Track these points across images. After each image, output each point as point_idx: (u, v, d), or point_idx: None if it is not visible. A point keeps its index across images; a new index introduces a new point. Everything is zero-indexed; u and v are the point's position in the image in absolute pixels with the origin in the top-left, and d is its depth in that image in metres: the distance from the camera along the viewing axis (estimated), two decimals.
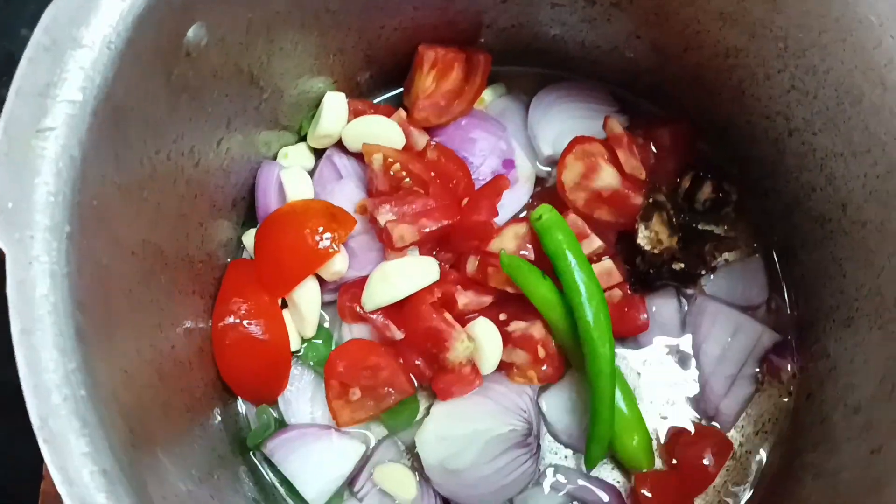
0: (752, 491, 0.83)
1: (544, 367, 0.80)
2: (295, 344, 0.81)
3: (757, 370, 0.84)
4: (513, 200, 0.85)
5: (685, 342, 0.85)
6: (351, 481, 0.80)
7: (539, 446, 0.80)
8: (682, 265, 0.82)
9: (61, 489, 0.44)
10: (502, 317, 0.81)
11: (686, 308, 0.86)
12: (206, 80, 0.64)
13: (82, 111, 0.50)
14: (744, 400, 0.83)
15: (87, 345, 0.47)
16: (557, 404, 0.82)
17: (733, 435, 0.84)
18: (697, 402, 0.84)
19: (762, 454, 0.83)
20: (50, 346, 0.46)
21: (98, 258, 0.51)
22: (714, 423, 0.83)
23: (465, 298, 0.80)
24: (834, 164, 0.73)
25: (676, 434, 0.83)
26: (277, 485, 0.80)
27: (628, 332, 0.84)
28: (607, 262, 0.81)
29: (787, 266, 0.86)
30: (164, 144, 0.61)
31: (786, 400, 0.84)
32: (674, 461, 0.82)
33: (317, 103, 0.84)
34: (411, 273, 0.77)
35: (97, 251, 0.51)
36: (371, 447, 0.81)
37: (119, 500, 0.44)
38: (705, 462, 0.82)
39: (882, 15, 0.61)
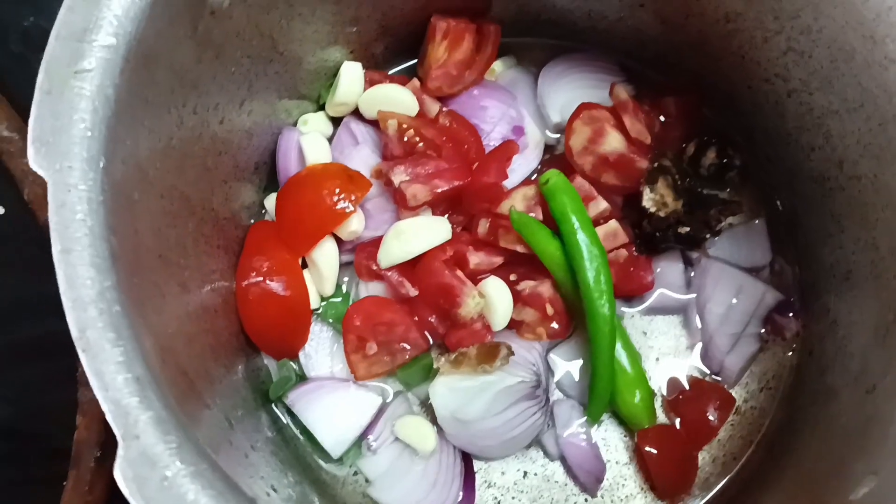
0: (755, 445, 0.85)
1: (553, 325, 0.83)
2: (314, 302, 0.84)
3: (761, 329, 0.86)
4: (522, 165, 0.88)
5: (690, 302, 0.87)
6: (366, 434, 0.83)
7: (548, 399, 0.83)
8: (688, 229, 0.84)
9: (98, 394, 0.48)
10: (512, 277, 0.84)
11: (691, 269, 0.88)
12: (230, 39, 0.68)
13: (115, 55, 0.54)
14: (748, 357, 0.86)
15: (119, 266, 0.51)
16: (566, 360, 0.86)
17: (738, 392, 0.86)
18: (703, 359, 0.86)
19: (766, 409, 0.86)
20: (87, 265, 0.50)
21: (129, 192, 0.55)
22: (718, 379, 0.86)
23: (476, 258, 0.83)
24: (830, 121, 0.75)
25: (680, 390, 0.85)
26: (298, 435, 0.84)
27: (634, 292, 0.87)
28: (613, 224, 0.84)
29: (789, 228, 0.88)
30: (190, 97, 0.65)
31: (789, 355, 0.86)
32: (677, 418, 0.85)
33: (334, 73, 0.88)
34: (424, 231, 0.81)
35: (129, 186, 0.55)
36: (388, 400, 0.84)
37: (150, 404, 0.48)
38: (709, 417, 0.84)
39: None
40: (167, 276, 0.61)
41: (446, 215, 0.85)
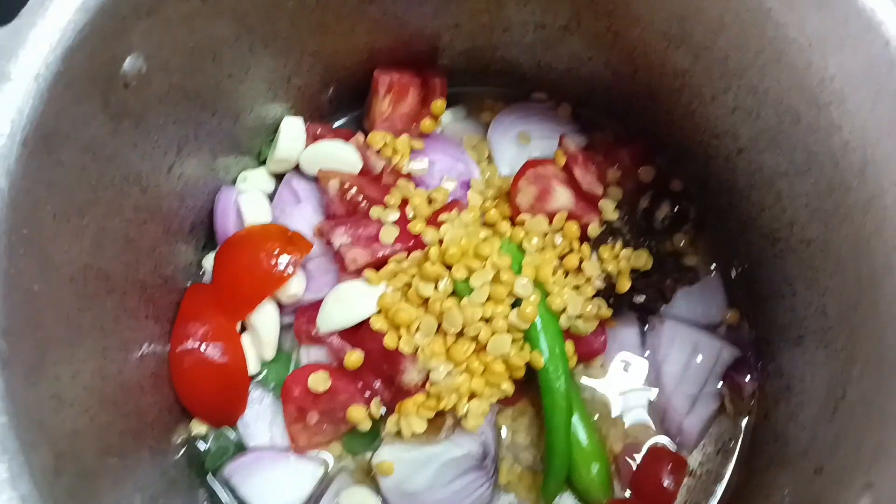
0: None
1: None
2: (254, 367, 0.81)
3: (718, 387, 0.84)
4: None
5: (646, 363, 0.85)
6: None
7: (496, 469, 0.80)
8: (643, 298, 0.82)
9: None
10: None
11: (646, 327, 0.86)
12: (151, 106, 0.65)
13: (10, 142, 0.51)
14: (707, 418, 0.83)
15: (11, 371, 0.48)
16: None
17: (694, 455, 0.83)
18: (661, 423, 0.84)
19: (721, 474, 0.83)
20: None
21: (28, 285, 0.52)
22: (679, 443, 0.83)
23: None
24: (780, 182, 0.73)
25: (633, 457, 0.83)
26: None
27: (586, 356, 0.83)
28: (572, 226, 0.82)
29: (744, 284, 0.86)
30: (106, 170, 0.62)
31: (745, 419, 0.84)
32: (629, 488, 0.82)
33: (275, 128, 0.85)
34: (366, 297, 0.78)
35: (27, 279, 0.52)
36: (329, 469, 0.81)
37: None
38: (665, 483, 0.82)
39: (811, 36, 0.62)
40: (77, 366, 0.58)
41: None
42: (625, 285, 0.81)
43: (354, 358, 0.77)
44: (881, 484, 0.55)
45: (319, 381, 0.77)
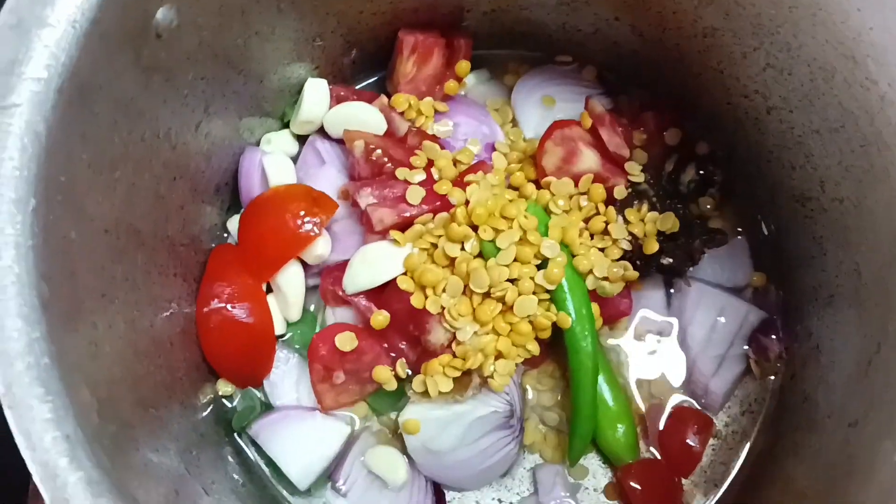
0: (737, 471, 0.82)
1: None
2: (280, 328, 0.81)
3: (745, 348, 0.83)
4: None
5: (672, 325, 0.85)
6: (334, 469, 0.80)
7: (522, 428, 0.80)
8: (671, 260, 0.82)
9: (25, 454, 0.45)
10: None
11: (672, 291, 0.85)
12: (180, 62, 0.65)
13: (47, 88, 0.51)
14: (733, 379, 0.83)
15: (52, 315, 0.48)
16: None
17: (720, 416, 0.83)
18: (687, 384, 0.83)
19: (748, 434, 0.83)
20: (14, 315, 0.47)
21: (65, 233, 0.52)
22: (704, 404, 0.83)
23: None
24: (811, 141, 0.72)
25: (658, 418, 0.83)
26: (263, 466, 0.81)
27: (612, 318, 0.83)
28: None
29: (771, 247, 0.86)
30: (136, 125, 0.62)
31: (772, 380, 0.84)
32: (655, 448, 0.82)
33: (299, 89, 0.85)
34: (392, 257, 0.78)
35: (64, 226, 0.52)
36: (356, 428, 0.81)
37: (80, 464, 0.45)
38: (690, 443, 0.82)
39: None
40: (112, 316, 0.58)
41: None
42: (652, 247, 0.80)
43: (381, 318, 0.77)
44: None
45: (346, 341, 0.77)
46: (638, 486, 0.79)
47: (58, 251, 0.51)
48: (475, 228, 0.76)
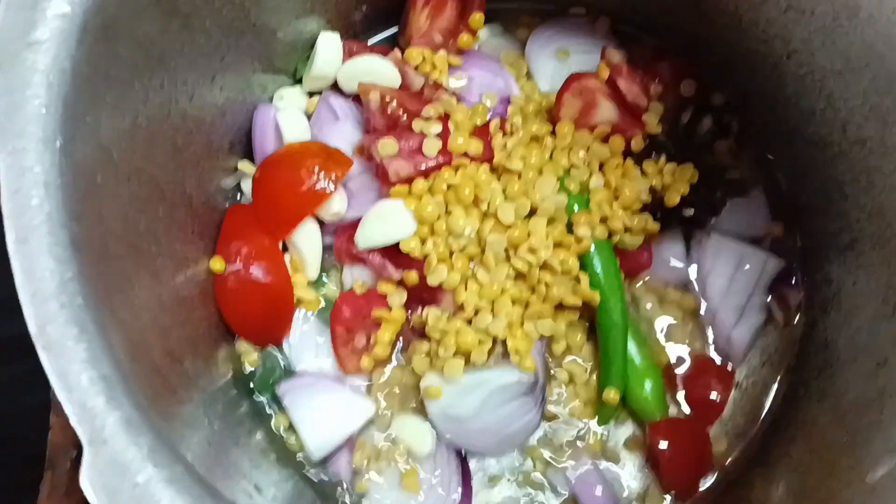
0: (760, 422, 0.82)
1: None
2: (298, 287, 0.80)
3: (766, 299, 0.83)
4: None
5: (692, 276, 0.84)
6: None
7: (544, 398, 0.79)
8: (692, 211, 0.81)
9: (61, 396, 0.44)
10: None
11: (690, 242, 0.85)
12: (198, 8, 0.63)
13: (72, 24, 0.49)
14: (755, 329, 0.82)
15: (83, 257, 0.47)
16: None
17: (741, 368, 0.83)
18: (709, 335, 0.83)
19: (769, 385, 0.83)
20: (46, 255, 0.46)
21: (92, 174, 0.51)
22: (727, 355, 0.82)
23: None
24: (833, 83, 0.72)
25: (682, 370, 0.82)
26: (281, 433, 0.80)
27: (632, 270, 0.83)
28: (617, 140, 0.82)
29: (789, 195, 0.85)
30: (156, 71, 0.60)
31: (792, 328, 0.83)
32: (681, 400, 0.82)
33: (311, 45, 0.84)
34: (407, 215, 0.77)
35: (91, 167, 0.51)
36: (381, 407, 0.80)
37: (119, 404, 0.44)
38: (711, 395, 0.82)
39: None
40: (137, 266, 0.57)
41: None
42: (674, 199, 0.80)
43: (414, 275, 0.76)
44: None
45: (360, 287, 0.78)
46: (666, 447, 0.78)
47: (86, 193, 0.50)
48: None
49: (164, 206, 0.64)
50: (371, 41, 0.90)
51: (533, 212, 0.77)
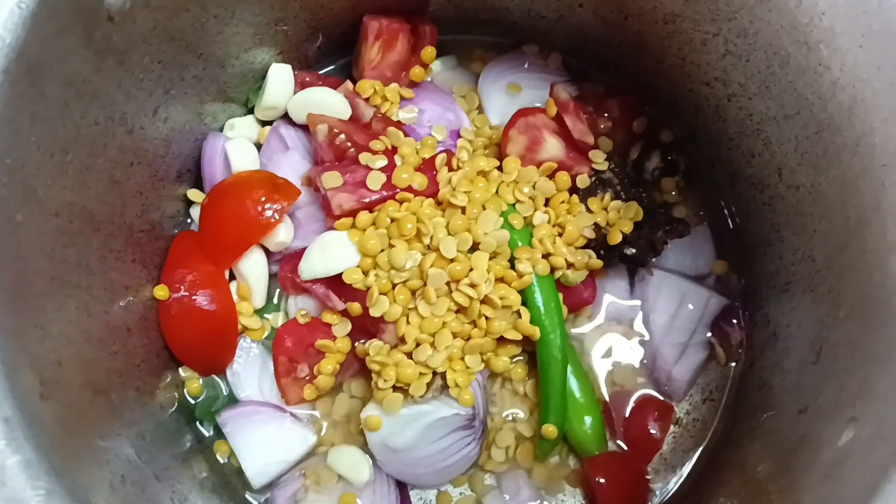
0: (697, 458, 0.83)
1: None
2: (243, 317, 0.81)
3: (708, 336, 0.84)
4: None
5: (635, 313, 0.85)
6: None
7: (484, 430, 0.79)
8: (633, 251, 0.81)
9: None
10: None
11: (635, 279, 0.85)
12: (135, 44, 0.64)
13: None
14: (696, 366, 0.83)
15: None
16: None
17: (681, 404, 0.84)
18: (650, 372, 0.84)
19: (708, 421, 0.83)
20: None
21: (10, 214, 0.52)
22: (668, 392, 0.83)
23: None
24: (769, 128, 0.73)
25: (620, 406, 0.83)
26: (220, 458, 0.80)
27: (575, 307, 0.83)
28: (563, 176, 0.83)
29: (733, 234, 0.86)
30: (89, 109, 0.61)
31: (732, 367, 0.84)
32: (619, 436, 0.82)
33: (263, 75, 0.84)
34: (350, 247, 0.77)
35: (9, 208, 0.52)
36: (322, 433, 0.81)
37: (19, 447, 0.45)
38: (651, 431, 0.82)
39: None
40: (62, 300, 0.58)
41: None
42: (616, 237, 0.80)
43: (356, 306, 0.76)
44: (865, 417, 0.56)
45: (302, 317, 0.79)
46: (603, 481, 0.79)
47: (3, 233, 0.50)
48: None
49: (98, 238, 0.65)
50: (324, 71, 0.90)
51: (476, 246, 0.77)
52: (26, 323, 0.51)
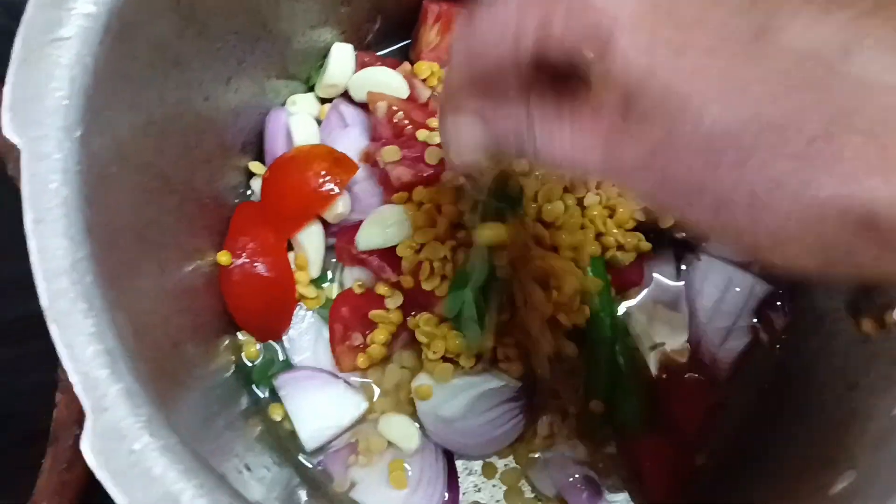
0: (738, 440, 0.84)
1: None
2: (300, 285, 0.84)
3: (752, 321, 0.85)
4: None
5: (681, 295, 0.87)
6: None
7: (531, 404, 0.81)
8: (684, 234, 0.84)
9: (67, 365, 0.47)
10: None
11: (681, 264, 0.87)
12: (214, 15, 0.67)
13: (95, 24, 0.53)
14: (740, 350, 0.85)
15: (94, 239, 0.51)
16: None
17: (724, 387, 0.85)
18: (694, 354, 0.85)
19: (748, 404, 0.85)
20: (60, 236, 0.49)
21: (107, 165, 0.54)
22: (711, 374, 0.84)
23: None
24: None
25: (664, 387, 0.85)
26: (275, 418, 0.82)
27: (623, 286, 0.85)
28: None
29: None
30: (171, 73, 0.64)
31: (775, 350, 0.85)
32: (666, 416, 0.83)
33: (324, 54, 0.87)
34: (407, 220, 0.79)
35: (106, 158, 0.54)
36: (374, 401, 0.83)
37: (121, 376, 0.47)
38: (694, 412, 0.84)
39: None
40: (144, 255, 0.60)
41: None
42: (668, 220, 0.82)
43: (408, 280, 0.79)
44: None
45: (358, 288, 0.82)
46: (648, 459, 0.80)
47: (100, 181, 0.53)
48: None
49: (173, 200, 0.68)
50: (382, 53, 0.93)
51: None
52: (118, 272, 0.54)
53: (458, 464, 0.83)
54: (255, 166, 0.85)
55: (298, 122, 0.85)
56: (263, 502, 0.65)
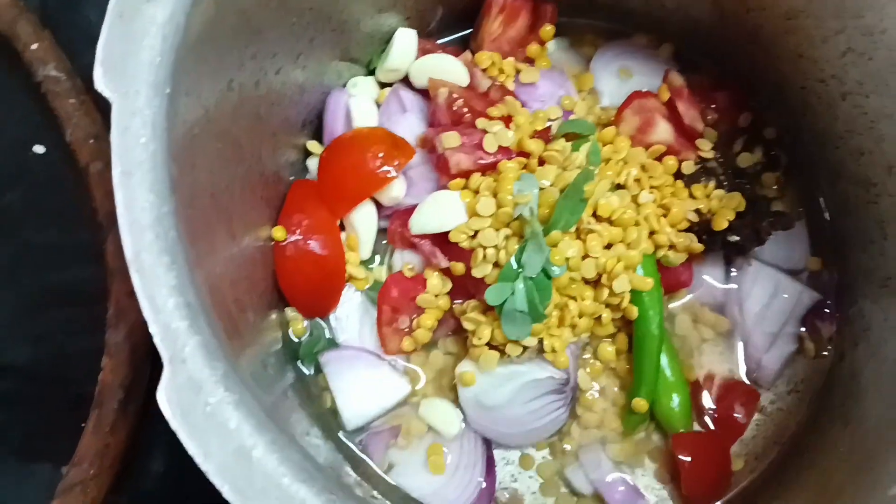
0: (781, 446, 0.84)
1: None
2: (350, 265, 0.84)
3: (799, 329, 0.85)
4: None
5: (729, 299, 0.87)
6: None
7: (574, 397, 0.82)
8: (737, 238, 0.83)
9: (148, 316, 0.48)
10: None
11: (731, 268, 0.87)
12: None
13: None
14: (785, 357, 0.85)
15: (178, 195, 0.52)
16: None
17: (766, 393, 0.85)
18: (739, 358, 0.85)
19: (793, 412, 0.85)
20: (147, 189, 0.50)
21: (191, 126, 0.55)
22: (755, 379, 0.85)
23: None
24: (884, 126, 0.75)
25: (708, 388, 0.85)
26: (318, 394, 0.83)
27: (671, 288, 0.85)
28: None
29: (829, 230, 0.88)
30: (252, 41, 0.65)
31: (821, 358, 0.85)
32: (705, 418, 0.84)
33: (387, 39, 0.88)
34: (462, 207, 0.80)
35: (191, 120, 0.55)
36: (418, 387, 0.83)
37: (200, 330, 0.48)
38: (736, 415, 0.84)
39: None
40: (217, 219, 0.61)
41: None
42: (721, 224, 0.82)
43: (460, 267, 0.79)
44: None
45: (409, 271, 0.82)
46: (688, 459, 0.80)
47: (184, 141, 0.54)
48: None
49: (241, 168, 0.69)
50: (443, 41, 0.94)
51: None
52: (197, 229, 0.55)
53: (496, 453, 0.83)
54: (313, 145, 0.86)
55: (358, 103, 0.86)
56: (327, 467, 0.66)
